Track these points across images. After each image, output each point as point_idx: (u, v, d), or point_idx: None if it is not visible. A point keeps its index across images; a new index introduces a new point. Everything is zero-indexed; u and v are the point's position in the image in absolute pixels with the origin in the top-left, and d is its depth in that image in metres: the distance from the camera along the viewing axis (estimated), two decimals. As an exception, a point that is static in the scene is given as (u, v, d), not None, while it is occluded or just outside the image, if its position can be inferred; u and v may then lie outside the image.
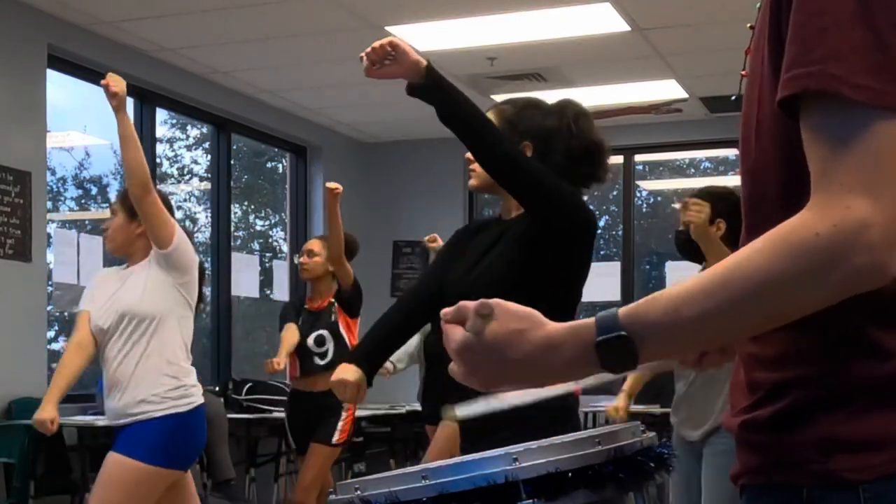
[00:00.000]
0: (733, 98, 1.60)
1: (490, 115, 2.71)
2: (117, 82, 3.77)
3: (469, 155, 2.67)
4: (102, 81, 3.76)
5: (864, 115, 1.00)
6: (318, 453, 5.59)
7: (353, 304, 5.68)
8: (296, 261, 5.87)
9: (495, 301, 1.13)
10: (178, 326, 3.97)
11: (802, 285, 1.01)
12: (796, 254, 1.00)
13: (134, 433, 3.91)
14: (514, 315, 1.13)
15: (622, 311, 1.09)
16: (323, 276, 5.65)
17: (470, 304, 1.14)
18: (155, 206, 3.82)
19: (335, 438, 5.57)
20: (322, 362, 5.63)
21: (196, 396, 4.00)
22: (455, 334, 1.14)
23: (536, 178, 2.57)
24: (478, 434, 2.50)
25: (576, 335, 1.10)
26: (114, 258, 4.32)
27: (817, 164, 1.03)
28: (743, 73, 1.29)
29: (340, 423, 5.59)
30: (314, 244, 5.74)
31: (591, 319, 1.10)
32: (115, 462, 3.90)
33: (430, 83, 2.51)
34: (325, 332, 5.65)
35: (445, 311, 1.17)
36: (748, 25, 1.27)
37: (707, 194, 3.85)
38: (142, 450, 3.88)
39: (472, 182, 2.76)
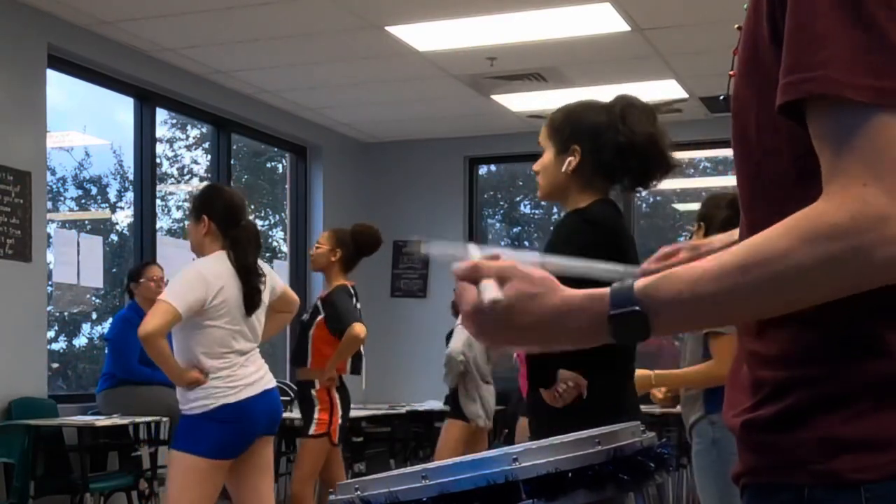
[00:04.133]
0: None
1: (543, 128, 2.74)
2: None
3: (536, 167, 2.73)
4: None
5: (869, 114, 1.02)
6: (302, 446, 5.63)
7: (327, 319, 5.53)
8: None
9: (511, 265, 1.13)
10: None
11: (820, 274, 1.02)
12: (814, 241, 1.01)
13: None
14: (527, 278, 1.13)
15: (638, 284, 1.09)
16: (327, 266, 5.61)
17: (488, 267, 1.13)
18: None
19: (311, 430, 5.48)
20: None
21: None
22: (470, 296, 1.14)
23: None
24: (548, 426, 2.48)
25: (590, 305, 1.11)
26: (113, 258, 4.35)
27: (829, 161, 1.04)
28: (731, 73, 1.29)
29: (316, 415, 5.47)
30: (322, 236, 5.76)
31: (606, 290, 1.10)
32: None
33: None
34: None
35: (458, 267, 1.15)
36: (735, 27, 1.27)
37: (729, 202, 3.65)
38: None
39: (538, 193, 2.80)
